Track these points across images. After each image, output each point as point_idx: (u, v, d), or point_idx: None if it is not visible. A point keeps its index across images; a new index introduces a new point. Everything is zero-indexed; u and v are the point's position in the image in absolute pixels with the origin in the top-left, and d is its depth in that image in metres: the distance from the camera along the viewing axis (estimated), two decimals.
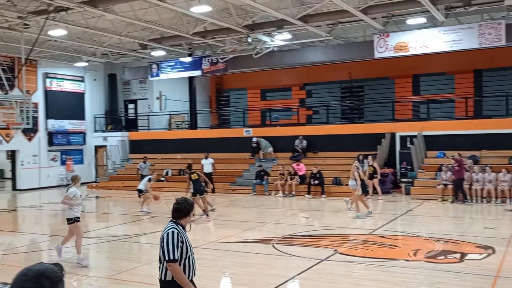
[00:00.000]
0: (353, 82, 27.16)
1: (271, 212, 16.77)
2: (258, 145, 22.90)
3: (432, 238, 11.06)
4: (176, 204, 4.79)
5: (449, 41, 18.33)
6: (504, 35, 17.40)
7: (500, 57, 22.68)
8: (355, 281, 7.93)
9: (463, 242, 10.63)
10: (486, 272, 8.26)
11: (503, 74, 23.72)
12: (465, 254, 9.49)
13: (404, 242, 11.23)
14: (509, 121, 19.60)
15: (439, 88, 25.08)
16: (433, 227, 12.98)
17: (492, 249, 9.82)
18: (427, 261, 9.03)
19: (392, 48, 18.88)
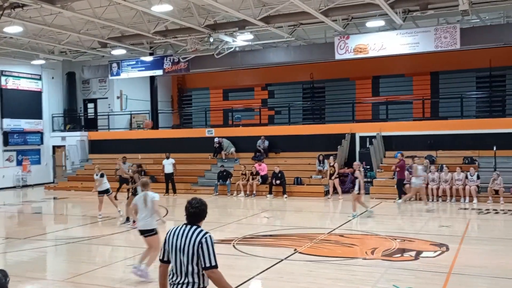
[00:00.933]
0: (314, 83, 27.47)
1: (233, 213, 16.80)
2: (220, 145, 22.87)
3: (389, 236, 11.33)
4: (191, 208, 4.34)
5: (407, 44, 18.81)
6: (459, 39, 17.99)
7: (456, 60, 23.42)
8: (314, 280, 8.04)
9: (418, 240, 10.95)
10: (440, 269, 8.54)
11: (458, 77, 24.53)
12: (420, 252, 9.77)
13: (362, 240, 11.45)
14: (464, 122, 20.27)
15: (398, 89, 25.69)
16: (390, 225, 13.31)
17: (446, 246, 10.14)
18: (384, 259, 9.26)
19: (352, 50, 19.22)
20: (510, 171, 17.53)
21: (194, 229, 4.30)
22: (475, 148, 18.92)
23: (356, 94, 26.30)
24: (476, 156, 18.81)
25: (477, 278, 8.10)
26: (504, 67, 23.46)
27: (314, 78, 27.12)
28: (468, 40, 18.76)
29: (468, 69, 24.06)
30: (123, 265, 9.49)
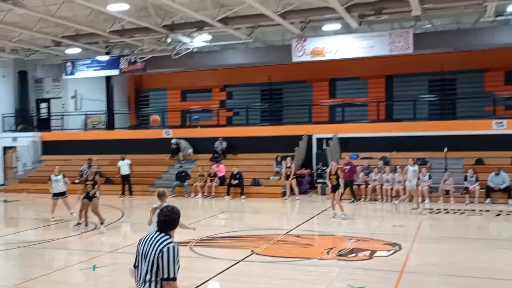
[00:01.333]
0: (272, 85, 27.65)
1: (191, 214, 16.65)
2: (177, 147, 22.69)
3: (345, 236, 11.54)
4: (162, 215, 4.21)
5: (363, 47, 19.23)
6: (412, 44, 18.54)
7: (409, 64, 24.11)
8: (270, 281, 8.10)
9: (373, 240, 11.20)
10: (393, 267, 8.77)
11: (412, 80, 25.26)
12: (374, 251, 9.99)
13: (319, 241, 11.62)
14: (416, 124, 20.89)
15: (354, 92, 26.20)
16: (346, 226, 13.54)
17: (399, 246, 10.41)
18: (339, 259, 9.42)
19: (309, 53, 19.48)
20: (460, 171, 18.18)
21: (160, 237, 4.18)
22: (427, 149, 19.51)
23: (313, 96, 26.65)
24: (428, 157, 19.40)
25: (428, 276, 8.35)
26: (454, 71, 24.33)
27: (272, 80, 27.30)
28: (421, 45, 19.36)
29: (421, 73, 24.82)
30: (77, 269, 9.28)
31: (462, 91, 24.39)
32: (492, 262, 9.16)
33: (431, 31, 20.43)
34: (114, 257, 10.10)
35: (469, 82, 24.39)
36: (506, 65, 23.37)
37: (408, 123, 21.23)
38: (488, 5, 15.97)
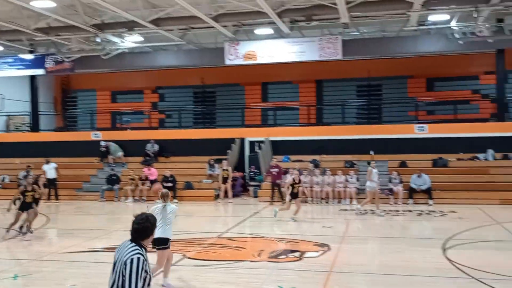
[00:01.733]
0: (205, 88, 27.55)
1: (121, 219, 16.24)
2: (107, 149, 22.04)
3: (276, 238, 11.69)
4: (134, 223, 4.01)
5: (294, 52, 19.60)
6: (341, 50, 19.13)
7: (338, 69, 24.86)
8: (201, 285, 8.04)
9: (303, 241, 11.42)
10: (322, 268, 8.99)
11: (341, 85, 26.05)
12: (304, 252, 10.19)
13: (250, 243, 11.69)
14: (345, 128, 21.59)
15: (285, 96, 26.63)
16: (277, 228, 13.72)
17: (328, 246, 10.69)
18: (270, 261, 9.53)
19: (241, 56, 19.60)
20: (385, 174, 18.95)
21: (130, 247, 3.98)
22: (355, 152, 20.19)
23: (246, 99, 26.82)
24: (356, 160, 20.09)
25: (356, 276, 8.63)
26: (380, 77, 25.35)
27: (205, 83, 27.20)
28: (349, 51, 20.02)
29: (349, 78, 25.64)
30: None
31: (388, 96, 25.48)
32: (413, 260, 9.62)
33: (358, 38, 21.17)
34: (38, 265, 9.63)
35: (394, 88, 25.52)
36: (427, 72, 24.68)
37: (337, 127, 21.90)
38: (411, 14, 16.78)
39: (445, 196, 17.40)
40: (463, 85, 24.70)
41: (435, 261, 9.40)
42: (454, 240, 11.18)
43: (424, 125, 20.28)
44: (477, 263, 8.99)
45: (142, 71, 26.27)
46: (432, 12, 16.78)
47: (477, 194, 17.14)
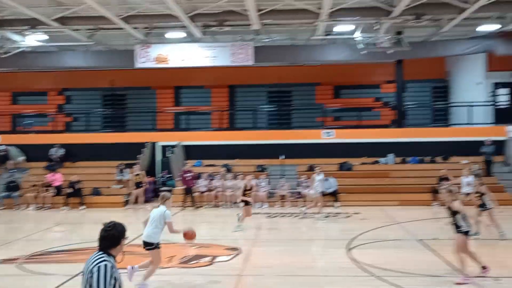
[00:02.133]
0: (115, 90, 26.73)
1: (21, 228, 15.31)
2: (6, 154, 20.67)
3: (187, 243, 11.59)
4: (101, 231, 3.95)
5: (206, 57, 19.65)
6: (252, 56, 19.49)
7: (250, 75, 25.24)
8: None
9: (214, 246, 11.45)
10: (232, 271, 9.07)
11: (253, 91, 26.45)
12: (215, 257, 10.22)
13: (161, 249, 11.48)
14: (256, 133, 21.95)
15: (198, 100, 26.56)
16: None
17: (239, 250, 10.80)
18: (180, 267, 9.46)
19: (153, 59, 19.30)
20: (295, 177, 19.53)
21: (97, 255, 3.90)
22: (266, 157, 20.61)
23: (157, 103, 26.37)
24: (267, 164, 20.50)
25: (267, 278, 8.79)
26: (290, 84, 26.07)
27: (115, 85, 26.39)
28: (261, 58, 20.44)
29: (261, 84, 26.12)
30: None
31: (297, 102, 26.27)
32: (321, 260, 10.00)
33: (270, 45, 21.62)
34: None
35: (303, 95, 26.37)
36: (334, 80, 25.78)
37: (249, 132, 22.21)
38: (319, 24, 17.48)
39: (350, 198, 18.25)
40: (367, 93, 26.11)
41: (340, 261, 9.83)
42: (357, 240, 11.76)
43: (331, 131, 21.16)
44: (378, 261, 9.53)
45: (47, 72, 24.96)
46: (337, 23, 17.60)
47: (379, 196, 18.15)
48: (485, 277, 8.32)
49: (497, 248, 11.19)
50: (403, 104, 22.32)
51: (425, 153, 20.50)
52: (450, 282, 8.23)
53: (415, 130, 21.38)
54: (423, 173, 19.29)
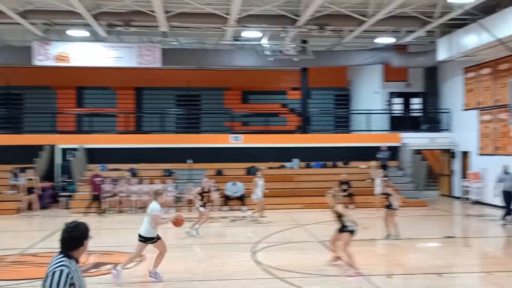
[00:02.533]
0: (10, 89, 25.01)
1: None
2: None
3: (88, 251, 11.06)
4: (64, 232, 3.65)
5: (112, 57, 19.02)
6: (160, 58, 19.17)
7: (158, 78, 24.84)
8: None
9: (117, 253, 11.04)
10: (135, 279, 8.82)
11: (161, 94, 26.01)
12: (118, 264, 9.84)
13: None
14: (164, 137, 21.58)
15: (103, 102, 25.61)
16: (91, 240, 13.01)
17: (143, 256, 10.47)
18: None
19: (53, 58, 18.32)
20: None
21: (57, 258, 3.64)
22: (174, 161, 20.30)
23: (58, 104, 25.04)
24: (175, 168, 20.21)
25: (171, 284, 8.65)
26: (199, 88, 26.00)
27: (11, 84, 24.68)
28: (169, 60, 20.18)
29: (169, 87, 25.78)
30: None
31: (206, 106, 26.24)
32: (227, 264, 10.01)
33: (178, 48, 21.43)
34: None
35: (212, 99, 26.39)
36: (242, 85, 26.10)
37: (156, 136, 21.78)
38: (227, 29, 17.60)
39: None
40: (274, 99, 26.72)
41: (245, 264, 9.91)
42: (262, 244, 11.94)
43: (239, 135, 21.34)
44: (282, 264, 9.74)
45: None
46: (245, 29, 17.84)
47: (284, 199, 18.58)
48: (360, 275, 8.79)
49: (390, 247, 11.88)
50: (308, 110, 23.09)
51: (327, 158, 21.33)
52: (350, 281, 8.61)
53: (318, 136, 22.20)
54: (325, 177, 20.04)
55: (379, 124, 22.63)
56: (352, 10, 16.94)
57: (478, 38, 16.53)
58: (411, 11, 17.03)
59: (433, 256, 10.96)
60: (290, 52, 18.64)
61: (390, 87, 23.75)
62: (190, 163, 20.09)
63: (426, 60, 21.13)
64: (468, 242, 13.46)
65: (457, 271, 9.61)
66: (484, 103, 19.28)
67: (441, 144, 21.73)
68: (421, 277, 9.13)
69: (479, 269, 9.87)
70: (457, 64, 20.37)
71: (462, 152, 21.02)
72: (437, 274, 9.07)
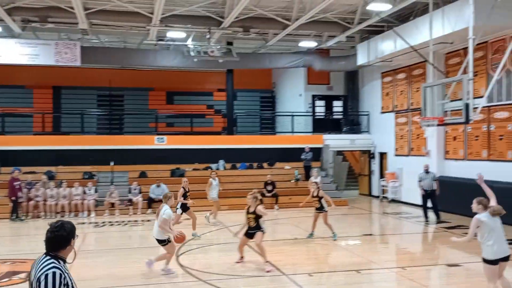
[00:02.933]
0: None
1: None
2: None
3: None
4: (49, 232, 3.55)
5: (27, 54, 18.06)
6: (80, 56, 18.44)
7: (79, 77, 23.89)
8: None
9: (31, 261, 10.45)
10: None
11: (81, 93, 25.03)
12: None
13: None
14: (84, 138, 20.80)
15: (17, 101, 24.25)
16: (2, 248, 12.29)
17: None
18: None
19: None
20: (125, 185, 18.91)
21: (45, 260, 3.53)
22: (95, 163, 19.59)
23: None
24: (96, 171, 19.51)
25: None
26: (122, 88, 25.31)
27: None
28: (89, 59, 19.48)
29: (90, 87, 24.87)
30: None
31: (129, 107, 25.59)
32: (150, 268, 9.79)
33: (99, 46, 20.75)
34: None
35: (136, 100, 25.80)
36: (167, 86, 25.73)
37: (76, 137, 20.94)
38: (151, 29, 17.27)
39: None
40: (200, 100, 26.59)
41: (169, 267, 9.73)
42: (186, 246, 11.80)
43: (163, 137, 20.99)
44: (205, 266, 9.69)
45: None
46: (170, 29, 17.60)
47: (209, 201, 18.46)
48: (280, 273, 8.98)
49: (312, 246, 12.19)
50: (234, 112, 23.18)
51: (253, 159, 21.52)
52: (273, 280, 8.73)
53: (244, 138, 22.33)
54: (251, 178, 20.20)
55: (303, 126, 23.16)
56: (276, 13, 17.23)
57: (394, 45, 17.41)
58: (332, 17, 17.60)
59: (353, 253, 11.38)
60: (215, 54, 18.62)
61: (313, 90, 24.39)
62: (112, 165, 19.48)
63: (347, 64, 21.93)
64: (385, 239, 14.10)
65: (375, 267, 10.02)
66: (400, 107, 20.30)
67: (361, 145, 22.61)
68: (342, 274, 9.45)
69: (395, 265, 10.35)
70: (376, 69, 21.32)
71: (380, 153, 22.01)
72: (357, 271, 9.41)
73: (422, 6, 15.79)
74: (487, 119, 15.57)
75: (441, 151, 17.84)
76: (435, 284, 9.03)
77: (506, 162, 14.77)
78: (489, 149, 15.59)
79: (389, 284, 8.97)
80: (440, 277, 9.51)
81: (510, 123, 14.74)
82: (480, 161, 15.91)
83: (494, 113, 15.35)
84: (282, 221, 16.36)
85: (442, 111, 13.58)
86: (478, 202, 6.64)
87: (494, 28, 14.08)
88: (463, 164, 16.76)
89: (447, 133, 17.71)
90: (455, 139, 17.28)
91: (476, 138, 16.20)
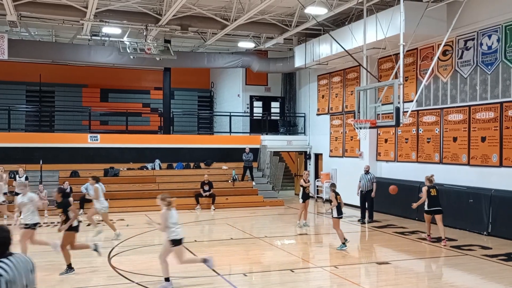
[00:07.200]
0: None
1: None
2: None
3: None
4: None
5: None
6: (7, 50, 17.50)
7: (6, 71, 22.72)
8: None
9: None
10: None
11: (8, 88, 23.84)
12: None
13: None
14: (11, 135, 19.86)
15: None
16: None
17: None
18: None
19: None
20: (55, 184, 18.14)
21: None
22: (23, 162, 18.66)
23: None
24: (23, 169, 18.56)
25: None
26: (54, 83, 24.32)
27: None
28: (17, 52, 18.57)
29: (18, 82, 23.71)
30: None
31: (61, 104, 24.61)
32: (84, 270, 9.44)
33: (29, 40, 19.81)
34: None
35: (68, 96, 24.86)
36: (101, 82, 24.99)
37: (2, 134, 19.86)
38: (84, 23, 16.69)
39: (115, 204, 17.73)
40: (136, 98, 26.02)
41: (101, 269, 9.46)
42: (119, 248, 11.50)
43: (97, 135, 20.35)
44: (139, 267, 9.47)
45: None
46: (105, 24, 17.08)
47: (145, 201, 18.11)
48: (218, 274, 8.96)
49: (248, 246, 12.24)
50: (171, 111, 22.86)
51: (190, 159, 21.32)
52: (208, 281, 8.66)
53: (181, 137, 22.08)
54: (188, 178, 20.01)
55: (240, 127, 23.22)
56: (215, 13, 17.16)
57: (330, 48, 17.82)
58: (271, 19, 17.76)
59: (288, 252, 11.52)
60: (152, 51, 18.27)
61: (251, 90, 24.52)
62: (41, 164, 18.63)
63: (284, 66, 22.21)
64: (319, 238, 14.39)
65: (309, 266, 10.19)
66: (335, 109, 20.82)
67: (297, 146, 22.98)
68: (277, 273, 9.53)
69: (328, 263, 10.57)
70: (312, 71, 21.74)
71: (316, 154, 22.47)
72: (291, 270, 9.54)
73: (357, 12, 16.27)
74: (416, 122, 16.29)
75: (373, 153, 18.47)
76: (365, 281, 9.31)
77: (433, 164, 15.51)
78: (417, 152, 16.31)
79: (321, 282, 9.14)
80: (371, 275, 9.82)
81: (437, 127, 15.50)
82: (409, 162, 16.62)
83: (422, 117, 16.08)
84: (218, 221, 16.31)
85: (374, 114, 14.05)
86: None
87: (423, 36, 14.76)
88: (393, 166, 17.44)
89: (379, 135, 18.36)
90: (387, 141, 17.94)
91: (406, 140, 16.90)
